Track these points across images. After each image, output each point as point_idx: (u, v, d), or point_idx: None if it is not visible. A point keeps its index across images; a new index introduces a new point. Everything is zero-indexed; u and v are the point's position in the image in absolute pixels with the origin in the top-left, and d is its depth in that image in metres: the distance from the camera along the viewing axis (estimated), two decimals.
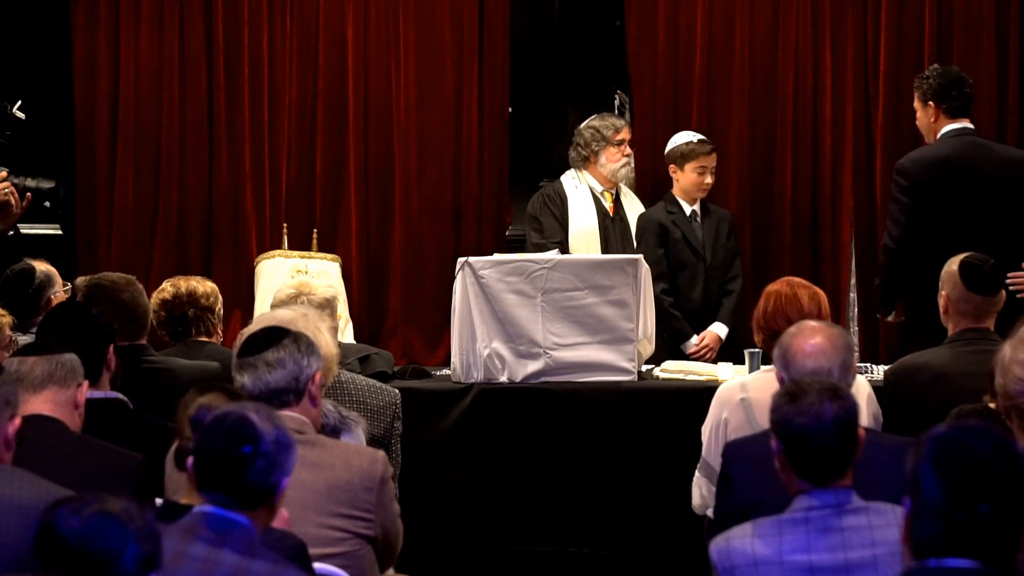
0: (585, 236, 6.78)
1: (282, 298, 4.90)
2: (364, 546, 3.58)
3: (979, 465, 2.46)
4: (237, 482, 2.93)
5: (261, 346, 3.62)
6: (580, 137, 6.93)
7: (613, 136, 6.87)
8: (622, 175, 6.91)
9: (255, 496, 2.95)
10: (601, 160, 6.88)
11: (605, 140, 6.86)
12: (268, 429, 2.95)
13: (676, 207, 6.72)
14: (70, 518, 2.52)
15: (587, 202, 6.86)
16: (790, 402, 3.26)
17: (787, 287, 4.59)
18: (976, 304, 4.87)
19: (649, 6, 7.25)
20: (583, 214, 6.83)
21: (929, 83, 6.15)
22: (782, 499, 3.30)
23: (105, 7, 7.32)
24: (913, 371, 4.87)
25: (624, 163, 6.89)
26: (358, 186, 7.33)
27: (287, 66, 7.33)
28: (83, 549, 2.50)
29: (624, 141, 6.88)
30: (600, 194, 6.91)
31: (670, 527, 5.70)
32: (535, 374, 5.87)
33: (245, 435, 2.94)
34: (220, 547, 2.87)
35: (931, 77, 6.18)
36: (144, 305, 4.98)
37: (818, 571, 3.17)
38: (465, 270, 5.88)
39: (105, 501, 2.54)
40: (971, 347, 4.68)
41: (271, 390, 3.60)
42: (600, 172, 6.89)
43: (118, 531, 2.51)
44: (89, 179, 7.35)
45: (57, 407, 3.75)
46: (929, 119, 6.16)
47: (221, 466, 2.94)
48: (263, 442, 2.94)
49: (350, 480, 3.57)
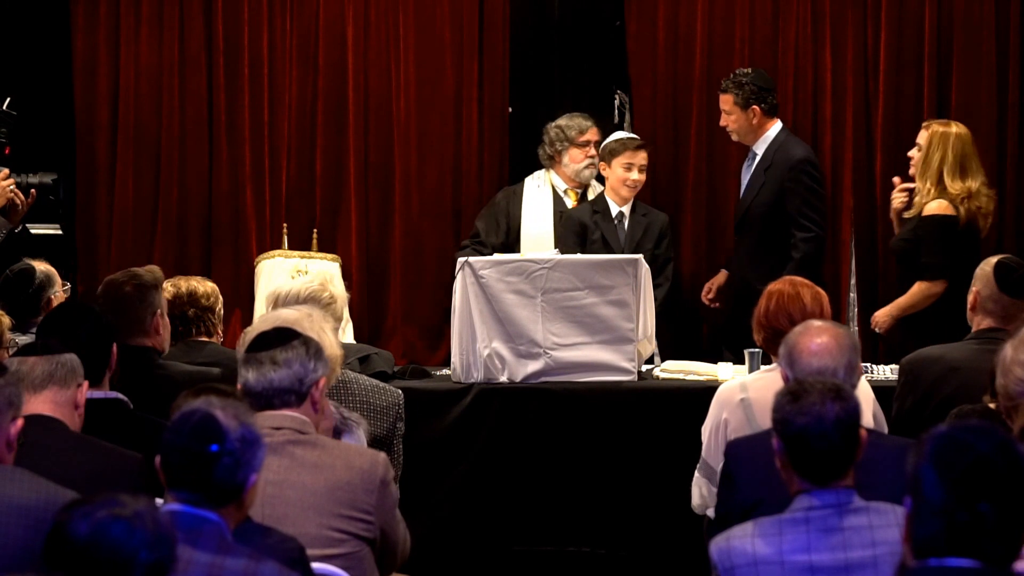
0: (537, 238, 6.75)
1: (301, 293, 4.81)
2: (364, 548, 3.57)
3: (980, 465, 2.46)
4: (204, 480, 2.93)
5: (272, 344, 3.61)
6: (546, 136, 6.92)
7: (577, 137, 6.85)
8: (585, 176, 6.89)
9: (223, 493, 2.96)
10: (564, 160, 6.87)
11: (569, 141, 6.85)
12: (234, 427, 2.96)
13: (602, 207, 6.69)
14: (81, 521, 2.51)
15: (545, 203, 6.84)
16: (792, 401, 3.26)
17: (789, 286, 4.59)
18: (1004, 305, 4.87)
19: (649, 6, 7.25)
20: (538, 216, 6.82)
21: (750, 87, 6.56)
22: (783, 498, 3.30)
23: (105, 7, 7.32)
24: (929, 362, 4.89)
25: (587, 164, 6.86)
26: (358, 186, 7.33)
27: (287, 66, 7.33)
28: (91, 553, 2.49)
29: (590, 143, 6.85)
30: (564, 192, 6.89)
31: (670, 527, 5.71)
32: (535, 374, 5.87)
33: (210, 433, 2.94)
34: (193, 546, 2.87)
35: (748, 81, 6.58)
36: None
37: (819, 571, 3.17)
38: (465, 270, 5.88)
39: (119, 505, 2.53)
40: (991, 346, 4.67)
41: (274, 388, 3.59)
42: (564, 172, 6.89)
43: (128, 536, 2.50)
44: (89, 179, 7.35)
45: (57, 407, 3.74)
46: (751, 121, 6.59)
47: (187, 465, 2.95)
48: (228, 440, 2.94)
49: (350, 481, 3.56)
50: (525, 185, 6.95)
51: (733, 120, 6.61)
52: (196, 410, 2.99)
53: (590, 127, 6.90)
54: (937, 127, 6.10)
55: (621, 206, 6.67)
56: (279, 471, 3.51)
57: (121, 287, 4.80)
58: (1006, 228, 7.11)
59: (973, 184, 6.00)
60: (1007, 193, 7.11)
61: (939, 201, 5.98)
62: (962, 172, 6.00)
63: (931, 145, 6.04)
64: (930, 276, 5.94)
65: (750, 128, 6.60)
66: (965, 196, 5.97)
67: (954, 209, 5.97)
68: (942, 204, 5.98)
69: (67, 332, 4.05)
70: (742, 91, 6.58)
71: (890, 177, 6.93)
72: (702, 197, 7.25)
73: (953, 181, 5.98)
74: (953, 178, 5.99)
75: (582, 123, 6.90)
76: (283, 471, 3.52)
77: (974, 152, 6.10)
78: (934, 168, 6.02)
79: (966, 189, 5.97)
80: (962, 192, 5.97)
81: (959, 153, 6.01)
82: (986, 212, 6.06)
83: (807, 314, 4.40)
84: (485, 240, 6.86)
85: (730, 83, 6.63)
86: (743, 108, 6.57)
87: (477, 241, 6.89)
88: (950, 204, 5.98)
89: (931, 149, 6.03)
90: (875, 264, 7.11)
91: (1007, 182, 7.11)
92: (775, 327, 4.47)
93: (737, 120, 6.60)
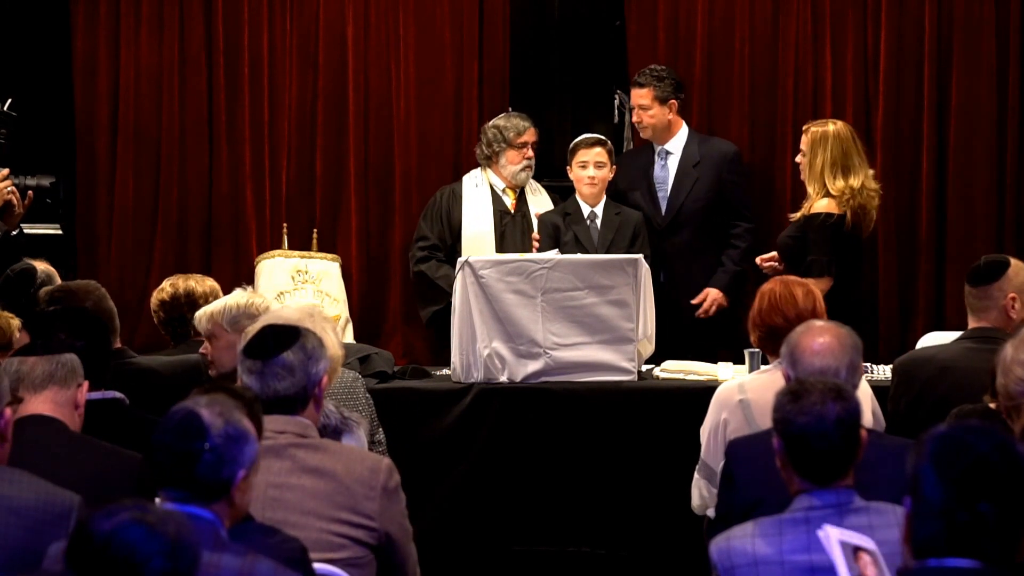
0: (478, 238, 6.73)
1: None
2: (367, 554, 3.55)
3: (980, 465, 2.46)
4: (189, 477, 2.95)
5: (270, 349, 3.58)
6: (484, 136, 6.87)
7: (515, 139, 6.79)
8: (521, 178, 6.84)
9: (209, 490, 2.97)
10: (502, 161, 6.81)
11: (506, 142, 6.79)
12: (217, 424, 2.97)
13: (574, 208, 6.64)
14: (104, 520, 2.51)
15: (484, 203, 6.81)
16: (793, 401, 3.26)
17: (781, 285, 4.63)
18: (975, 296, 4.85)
19: (649, 6, 7.25)
20: (478, 216, 6.78)
21: (669, 81, 6.65)
22: (783, 498, 3.30)
23: (105, 7, 7.32)
24: (921, 363, 4.89)
25: (524, 166, 6.81)
26: (358, 186, 7.33)
27: (287, 66, 7.33)
28: (107, 553, 2.48)
29: (527, 144, 6.79)
30: (502, 191, 6.86)
31: (670, 527, 5.71)
32: (535, 374, 5.87)
33: (193, 431, 2.96)
34: None
35: (667, 76, 6.68)
36: (109, 310, 4.88)
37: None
38: (465, 270, 5.88)
39: (145, 511, 2.53)
40: (981, 344, 4.68)
41: (280, 397, 3.57)
42: (501, 172, 6.85)
43: (145, 541, 2.49)
44: (89, 179, 7.35)
45: (57, 407, 3.74)
46: (666, 116, 6.67)
47: (172, 463, 2.97)
48: (210, 436, 2.96)
49: (351, 486, 3.54)
50: (463, 184, 6.90)
51: (651, 115, 6.65)
52: (180, 408, 3.01)
53: (528, 128, 6.81)
54: (816, 128, 6.19)
55: (592, 206, 6.62)
56: (280, 473, 3.50)
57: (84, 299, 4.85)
58: (1006, 228, 7.11)
59: (856, 181, 6.09)
60: (1007, 193, 7.11)
61: (826, 200, 6.08)
62: (844, 171, 6.10)
63: (812, 148, 6.14)
64: (816, 273, 5.95)
65: (666, 125, 6.67)
66: (849, 195, 6.06)
67: (839, 208, 6.07)
68: (829, 203, 6.07)
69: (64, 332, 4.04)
70: (662, 85, 6.62)
71: (890, 177, 6.94)
72: None
73: (835, 180, 6.08)
74: (835, 178, 6.09)
75: (520, 124, 6.82)
76: (285, 474, 3.51)
77: (856, 148, 6.17)
78: (817, 170, 6.12)
79: (848, 188, 6.07)
80: (845, 191, 6.07)
81: (838, 152, 6.10)
82: (870, 209, 6.16)
83: (800, 310, 4.46)
84: (437, 242, 6.80)
85: (650, 77, 6.67)
86: (663, 103, 6.62)
87: (430, 245, 6.81)
88: (836, 203, 6.07)
89: (812, 152, 6.13)
90: (875, 264, 7.11)
91: (1007, 182, 7.11)
92: (769, 325, 4.53)
93: (655, 115, 6.65)
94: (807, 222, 6.11)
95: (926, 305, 7.10)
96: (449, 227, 6.81)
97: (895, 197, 7.06)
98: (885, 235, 7.07)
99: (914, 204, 7.12)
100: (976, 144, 7.08)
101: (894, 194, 7.03)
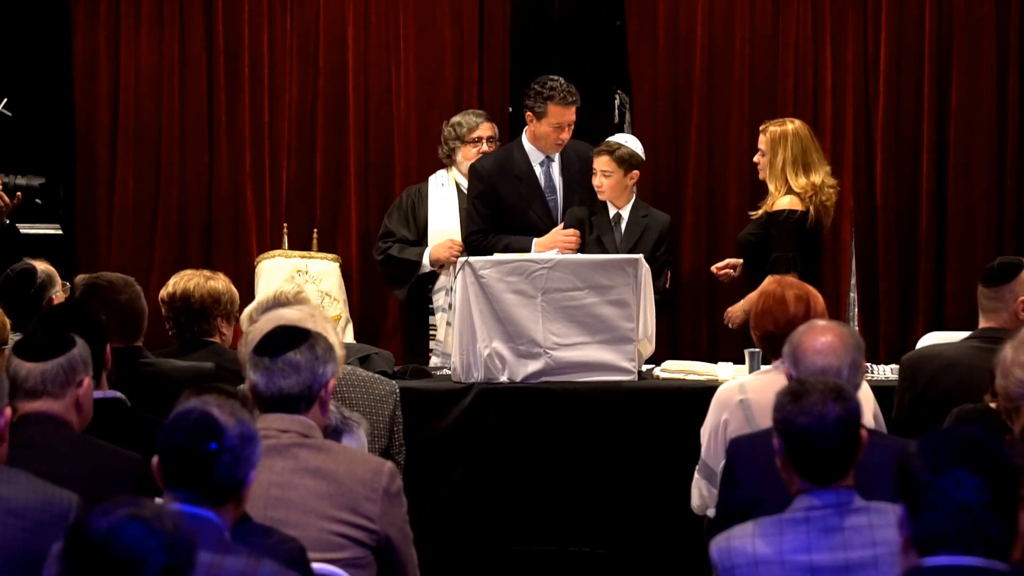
0: (444, 236, 6.68)
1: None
2: (367, 555, 3.55)
3: (979, 464, 2.46)
4: (204, 479, 2.91)
5: (280, 347, 3.57)
6: (442, 134, 6.86)
7: (468, 135, 6.75)
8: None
9: (223, 492, 2.94)
10: (458, 158, 6.79)
11: (460, 139, 6.76)
12: (231, 424, 2.94)
13: (601, 207, 6.54)
14: (101, 518, 2.49)
15: (450, 201, 6.79)
16: (793, 401, 3.26)
17: (776, 286, 4.64)
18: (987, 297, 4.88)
19: (649, 6, 7.25)
20: (443, 215, 6.76)
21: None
22: (784, 498, 3.30)
23: (105, 7, 7.32)
24: (927, 359, 4.92)
25: None
26: (358, 186, 7.34)
27: (287, 66, 7.33)
28: (106, 550, 2.47)
29: (481, 139, 6.75)
30: (467, 189, 6.84)
31: (670, 527, 5.70)
32: (535, 374, 5.87)
33: (209, 431, 2.92)
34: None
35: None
36: (142, 307, 4.90)
37: (819, 571, 3.17)
38: (465, 270, 5.88)
39: (140, 507, 2.51)
40: (987, 344, 4.68)
41: (284, 395, 3.56)
42: (460, 169, 6.82)
43: (144, 537, 2.48)
44: (89, 179, 7.35)
45: (58, 405, 3.73)
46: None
47: (186, 464, 2.92)
48: (227, 437, 2.92)
49: (353, 487, 3.54)
50: (429, 184, 6.86)
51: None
52: (192, 409, 2.97)
53: (480, 123, 6.78)
54: (774, 128, 6.20)
55: (619, 208, 6.52)
56: (283, 473, 3.49)
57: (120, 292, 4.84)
58: (1006, 228, 7.11)
59: (816, 178, 6.13)
60: (1007, 193, 7.12)
61: (789, 197, 6.11)
62: (805, 168, 6.13)
63: (772, 147, 6.16)
64: (782, 270, 5.95)
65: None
66: (811, 192, 6.11)
67: (802, 204, 6.10)
68: (792, 200, 6.10)
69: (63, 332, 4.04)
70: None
71: (890, 177, 6.95)
72: (702, 197, 7.25)
73: (797, 178, 6.11)
74: (797, 175, 6.12)
75: (472, 120, 6.79)
76: (287, 473, 3.50)
77: (814, 145, 6.21)
78: (778, 169, 6.14)
79: (811, 184, 6.10)
80: (808, 188, 6.11)
81: (798, 150, 6.13)
82: (830, 205, 6.19)
83: (790, 316, 4.46)
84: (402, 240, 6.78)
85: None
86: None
87: (396, 240, 6.77)
88: (799, 200, 6.10)
89: (772, 151, 6.15)
90: (875, 264, 7.12)
91: (1007, 182, 7.12)
92: (764, 328, 4.56)
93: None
94: (770, 219, 6.13)
95: (926, 305, 7.11)
96: (415, 225, 6.79)
97: (895, 197, 7.07)
98: (885, 235, 7.08)
99: (914, 204, 7.13)
100: (976, 144, 7.09)
101: (894, 194, 7.03)
